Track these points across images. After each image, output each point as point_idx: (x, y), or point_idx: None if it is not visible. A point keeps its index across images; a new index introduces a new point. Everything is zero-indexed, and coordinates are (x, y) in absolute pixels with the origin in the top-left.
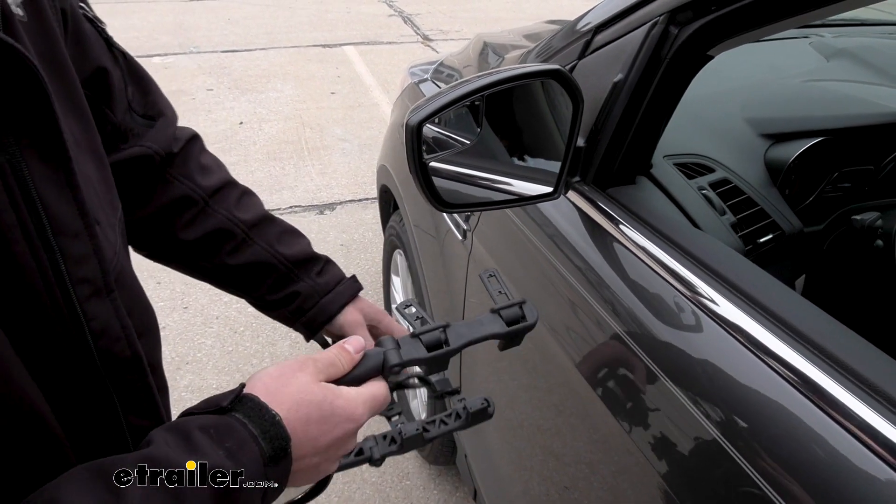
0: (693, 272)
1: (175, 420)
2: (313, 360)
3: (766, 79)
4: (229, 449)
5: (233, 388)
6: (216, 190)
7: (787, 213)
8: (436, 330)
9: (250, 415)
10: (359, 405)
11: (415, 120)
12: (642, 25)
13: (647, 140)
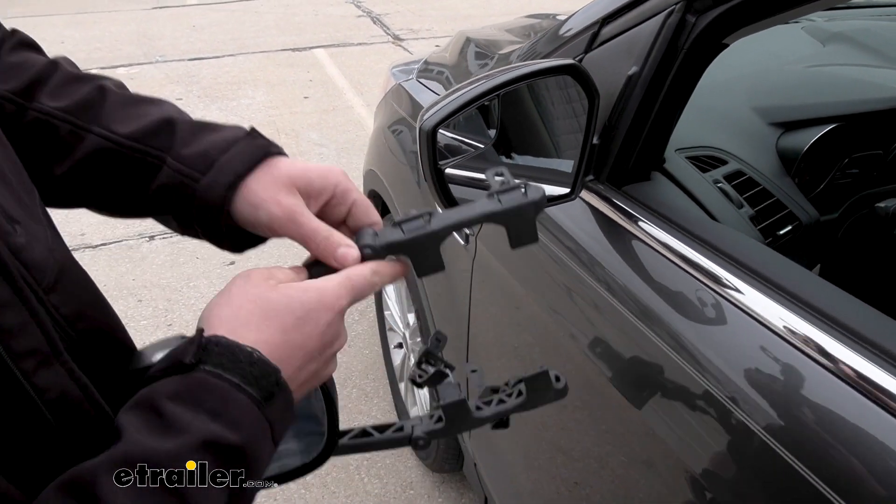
0: (719, 264)
1: (140, 393)
2: (257, 271)
3: (767, 66)
4: (212, 411)
5: (191, 336)
6: (28, 86)
7: (803, 202)
8: (418, 217)
9: (222, 362)
10: (331, 289)
11: (429, 124)
12: (657, 15)
13: (661, 134)
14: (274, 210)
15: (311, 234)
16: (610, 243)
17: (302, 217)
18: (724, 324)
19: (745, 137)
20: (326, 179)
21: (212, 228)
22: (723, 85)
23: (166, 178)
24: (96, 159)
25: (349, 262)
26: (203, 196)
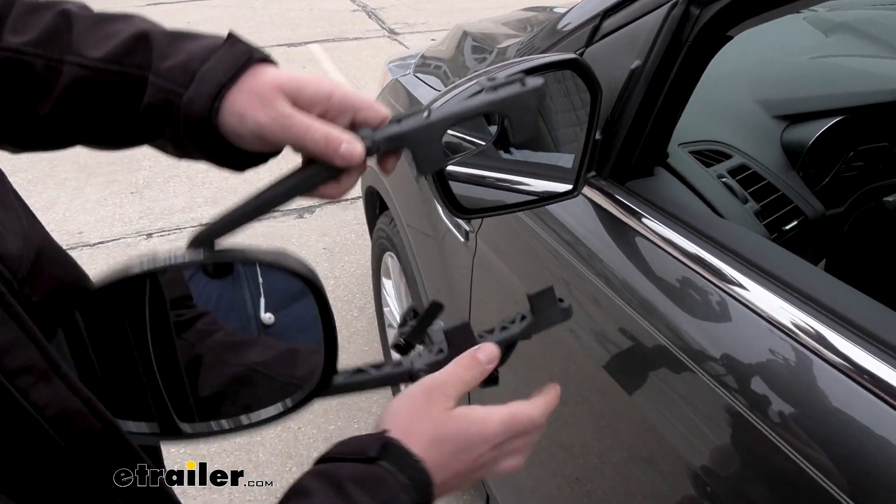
0: (723, 260)
1: (322, 467)
2: (441, 386)
3: (769, 57)
4: (384, 502)
5: (375, 434)
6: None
7: (808, 197)
8: (418, 112)
9: (398, 463)
10: (491, 425)
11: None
12: (660, 7)
13: (665, 128)
14: (260, 117)
15: (305, 132)
16: (613, 240)
17: (291, 119)
18: (728, 320)
19: (749, 131)
20: (318, 87)
21: (205, 146)
22: (725, 77)
23: (151, 97)
24: (78, 91)
25: (354, 159)
26: (188, 111)
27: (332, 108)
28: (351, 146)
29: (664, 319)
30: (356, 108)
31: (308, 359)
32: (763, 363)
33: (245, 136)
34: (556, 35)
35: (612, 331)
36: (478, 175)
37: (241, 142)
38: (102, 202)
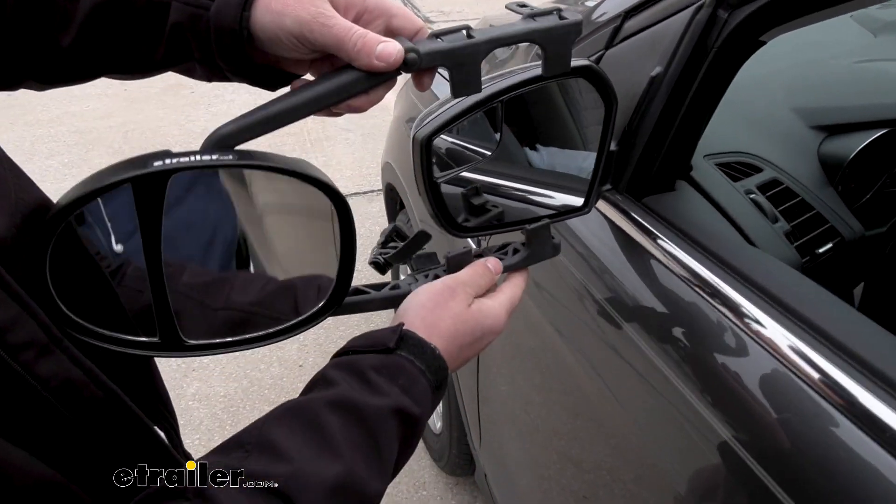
0: (744, 294)
1: (345, 358)
2: (462, 285)
3: (809, 59)
4: (403, 386)
5: (391, 327)
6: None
7: (846, 216)
8: (457, 30)
9: (414, 352)
10: (502, 316)
11: (422, 134)
12: (684, 9)
13: (688, 140)
14: (300, 13)
15: (345, 33)
16: (626, 259)
17: (332, 19)
18: (745, 358)
19: (783, 142)
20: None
21: (236, 60)
22: (759, 81)
23: (176, 14)
24: (99, 16)
25: (391, 58)
26: (217, 23)
27: (367, 11)
28: (387, 46)
29: (674, 351)
30: (390, 13)
31: (308, 291)
32: (782, 417)
33: (282, 38)
34: (590, 26)
35: (622, 352)
36: (482, 182)
37: (275, 46)
38: None
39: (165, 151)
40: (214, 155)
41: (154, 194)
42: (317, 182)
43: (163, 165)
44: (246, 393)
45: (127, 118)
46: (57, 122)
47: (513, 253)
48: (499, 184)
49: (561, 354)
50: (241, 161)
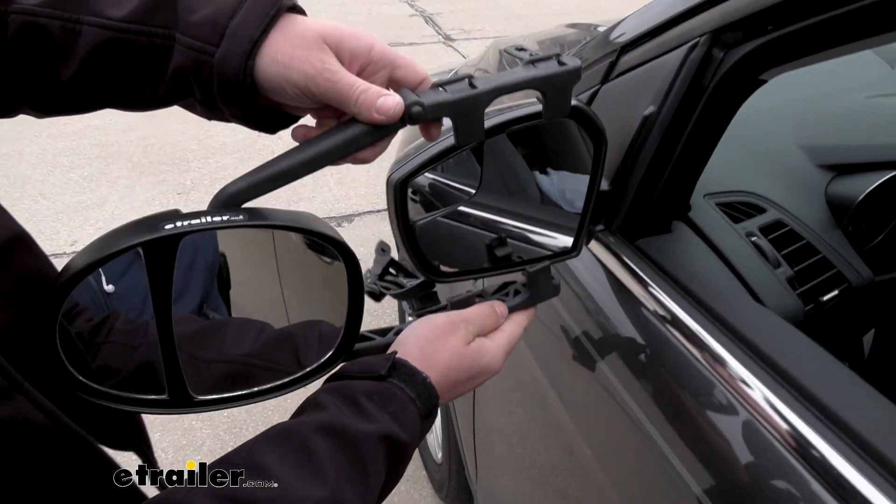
0: (739, 358)
1: (337, 383)
2: (465, 323)
3: (820, 92)
4: (393, 413)
5: (384, 355)
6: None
7: (854, 260)
8: (460, 80)
9: (406, 380)
10: (500, 357)
11: (397, 177)
12: (679, 47)
13: (685, 180)
14: (306, 68)
15: (348, 89)
16: (619, 305)
17: (337, 74)
18: (730, 418)
19: (789, 181)
20: (360, 40)
21: (239, 105)
22: (766, 115)
23: (181, 58)
24: (102, 53)
25: (390, 111)
26: (221, 71)
27: (371, 62)
28: (387, 99)
29: (659, 406)
30: (394, 64)
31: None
32: (762, 485)
33: (285, 88)
34: (608, 46)
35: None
36: (460, 228)
37: (278, 95)
38: (150, 202)
39: (175, 212)
40: (225, 216)
41: (165, 257)
42: (326, 238)
43: (174, 229)
44: (249, 414)
45: (147, 132)
46: (80, 135)
47: (514, 294)
48: (495, 220)
49: (552, 392)
50: (252, 221)
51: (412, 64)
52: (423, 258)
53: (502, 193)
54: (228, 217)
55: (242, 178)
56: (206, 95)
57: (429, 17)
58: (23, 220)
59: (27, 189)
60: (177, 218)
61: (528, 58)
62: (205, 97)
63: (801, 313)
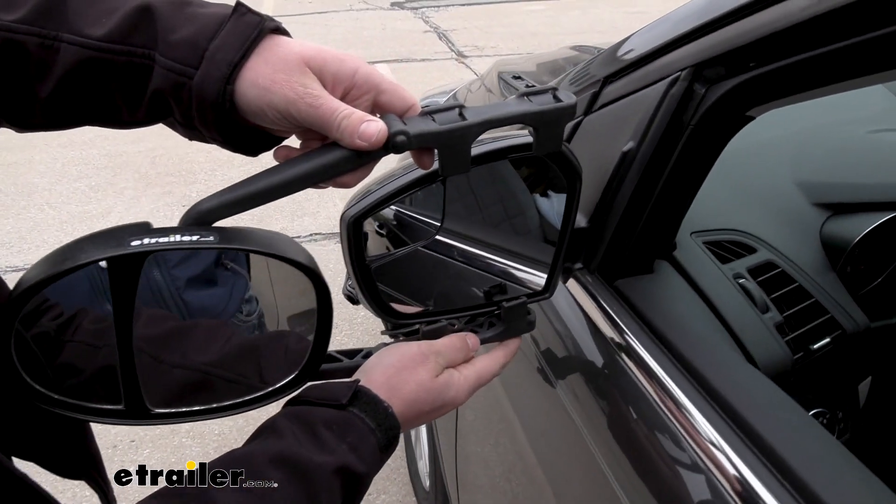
0: (717, 427)
1: (297, 409)
2: (435, 354)
3: (820, 124)
4: (351, 443)
5: (347, 382)
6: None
7: (849, 306)
8: (450, 109)
9: (366, 409)
10: (465, 392)
11: (351, 214)
12: (660, 81)
13: (668, 219)
14: (288, 92)
15: (330, 114)
16: (595, 348)
17: (319, 98)
18: (698, 482)
19: (783, 219)
20: (343, 63)
21: (218, 128)
22: (759, 149)
23: (160, 80)
24: (80, 73)
25: (372, 137)
26: (200, 94)
27: (355, 86)
28: (369, 125)
29: (626, 459)
30: (379, 88)
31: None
32: None
33: (266, 112)
34: (616, 63)
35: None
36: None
37: (259, 119)
38: (155, 213)
39: (144, 225)
40: (195, 236)
41: (129, 274)
42: (297, 264)
43: (140, 247)
44: (241, 432)
45: (157, 143)
46: (90, 145)
47: (488, 326)
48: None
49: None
50: (222, 244)
51: (399, 89)
52: (379, 300)
53: (485, 224)
54: (198, 237)
55: (216, 195)
56: (185, 117)
57: (442, 34)
58: (27, 229)
59: (34, 198)
60: (145, 233)
61: (524, 90)
62: (184, 118)
63: (790, 362)
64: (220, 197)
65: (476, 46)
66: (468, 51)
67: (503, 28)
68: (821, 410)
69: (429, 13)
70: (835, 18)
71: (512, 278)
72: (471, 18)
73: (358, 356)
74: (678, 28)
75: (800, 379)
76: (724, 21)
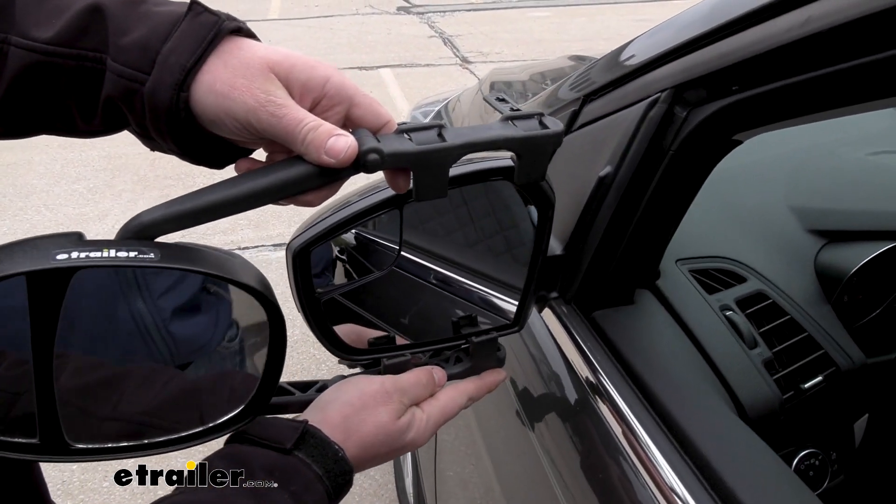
0: (679, 470)
1: (235, 450)
2: (399, 393)
3: (817, 143)
4: (294, 493)
5: (294, 422)
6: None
7: (843, 341)
8: (429, 128)
9: (314, 454)
10: (427, 433)
11: (297, 244)
12: (638, 102)
13: (649, 247)
14: (248, 99)
15: (295, 125)
16: (569, 384)
17: (283, 108)
18: None
19: (775, 247)
20: (314, 70)
21: (174, 138)
22: (752, 170)
23: (111, 87)
24: (28, 78)
25: (341, 154)
26: (152, 101)
27: (326, 96)
28: (338, 140)
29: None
30: (353, 101)
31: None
32: None
33: (224, 121)
34: (617, 69)
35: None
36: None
37: (218, 128)
38: None
39: (76, 235)
40: (132, 252)
41: (52, 292)
42: (249, 289)
43: (67, 261)
44: None
45: None
46: (90, 146)
47: (455, 361)
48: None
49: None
50: (163, 263)
51: (373, 104)
52: (331, 336)
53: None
54: (136, 254)
55: (160, 207)
56: (140, 126)
57: (447, 39)
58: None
59: (31, 199)
60: (75, 246)
61: (508, 113)
62: (139, 127)
63: (777, 402)
64: (164, 209)
65: (481, 52)
66: (472, 56)
67: (508, 34)
68: (812, 451)
69: (434, 18)
70: (821, 42)
71: (487, 305)
72: (476, 24)
73: (312, 389)
74: (659, 45)
75: (790, 418)
76: (705, 40)
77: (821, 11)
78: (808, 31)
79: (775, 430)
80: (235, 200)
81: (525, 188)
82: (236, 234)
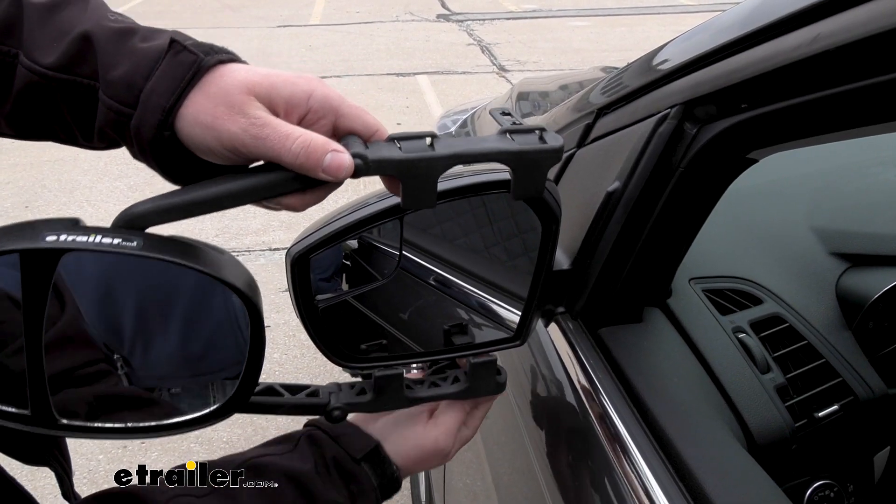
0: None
1: (318, 436)
2: (443, 456)
3: (845, 164)
4: (353, 492)
5: (367, 440)
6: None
7: (863, 369)
8: (420, 137)
9: (376, 469)
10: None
11: (296, 251)
12: (648, 118)
13: (659, 265)
14: (230, 127)
15: (282, 142)
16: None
17: (264, 128)
18: None
19: (794, 269)
20: (296, 86)
21: (164, 169)
22: (775, 189)
23: (102, 117)
24: (32, 96)
25: (341, 171)
26: (138, 136)
27: (311, 110)
28: (335, 157)
29: None
30: (338, 112)
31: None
32: None
33: (214, 149)
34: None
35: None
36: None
37: (210, 156)
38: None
39: (72, 222)
40: (116, 239)
41: (42, 271)
42: (230, 286)
43: (55, 242)
44: (249, 441)
45: None
46: None
47: (452, 381)
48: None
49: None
50: (144, 252)
51: (361, 113)
52: (330, 343)
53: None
54: (119, 241)
55: (151, 199)
56: (134, 152)
57: (485, 47)
58: None
59: (75, 195)
60: (68, 230)
61: (507, 126)
62: (136, 153)
63: (789, 430)
64: (154, 202)
65: (518, 61)
66: (510, 65)
67: (547, 43)
68: (828, 482)
69: (473, 26)
70: (830, 61)
71: (492, 315)
72: (515, 32)
73: (302, 393)
74: (671, 61)
75: (803, 446)
76: (714, 57)
77: (830, 29)
78: (817, 48)
79: (786, 458)
80: (220, 197)
81: (528, 202)
82: (268, 234)
